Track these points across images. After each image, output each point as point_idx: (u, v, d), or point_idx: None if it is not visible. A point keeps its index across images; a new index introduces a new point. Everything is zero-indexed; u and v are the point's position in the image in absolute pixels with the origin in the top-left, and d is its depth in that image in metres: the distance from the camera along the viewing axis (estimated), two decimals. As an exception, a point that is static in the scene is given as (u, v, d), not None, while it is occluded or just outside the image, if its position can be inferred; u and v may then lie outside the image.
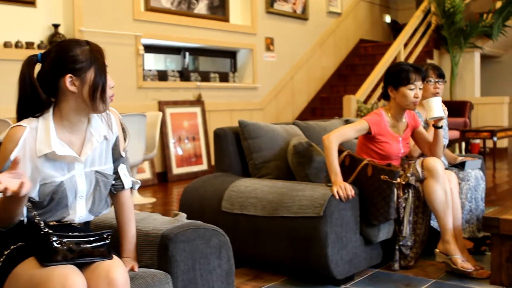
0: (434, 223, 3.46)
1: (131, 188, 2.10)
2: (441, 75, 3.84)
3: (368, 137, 3.32)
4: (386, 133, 3.31)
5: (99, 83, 1.87)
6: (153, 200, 5.93)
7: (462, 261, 3.17)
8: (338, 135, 3.22)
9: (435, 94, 3.72)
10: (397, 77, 3.30)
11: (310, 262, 2.99)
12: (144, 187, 6.77)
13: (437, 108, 3.24)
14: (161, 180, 7.22)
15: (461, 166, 3.69)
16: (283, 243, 3.05)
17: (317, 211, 2.88)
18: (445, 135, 4.08)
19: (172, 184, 7.08)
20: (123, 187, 2.05)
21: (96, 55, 1.89)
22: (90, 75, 1.86)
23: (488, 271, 3.14)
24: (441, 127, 3.40)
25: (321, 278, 3.10)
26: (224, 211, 3.28)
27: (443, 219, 3.23)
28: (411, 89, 3.27)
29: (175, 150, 7.39)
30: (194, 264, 2.05)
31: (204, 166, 7.66)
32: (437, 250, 3.29)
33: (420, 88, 3.30)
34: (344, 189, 2.97)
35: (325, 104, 9.60)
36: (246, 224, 3.19)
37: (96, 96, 1.86)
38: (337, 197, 2.93)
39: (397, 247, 3.29)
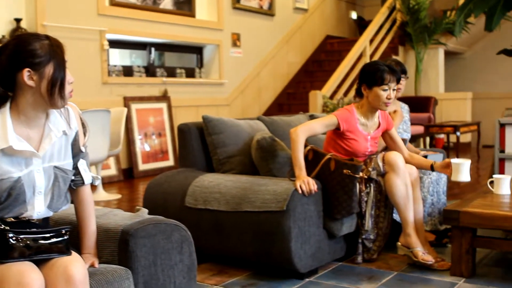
0: (396, 216, 3.50)
1: (92, 184, 2.09)
2: (403, 71, 3.88)
3: (337, 132, 3.34)
4: (355, 130, 3.33)
5: (58, 78, 1.84)
6: (118, 196, 5.88)
7: (423, 254, 3.22)
8: (306, 129, 3.23)
9: (397, 90, 3.76)
10: (372, 76, 3.30)
11: (274, 256, 3.00)
12: (109, 183, 6.72)
13: (465, 172, 3.17)
14: (127, 177, 7.17)
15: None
16: (247, 238, 3.06)
17: (280, 206, 2.89)
18: (407, 129, 4.14)
19: (138, 180, 7.03)
20: (83, 183, 2.03)
21: (55, 50, 1.86)
22: (49, 70, 1.83)
23: (449, 263, 3.20)
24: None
25: (285, 272, 3.12)
26: (187, 207, 3.28)
27: (404, 213, 3.27)
28: (385, 90, 3.27)
29: (142, 146, 7.33)
30: (155, 259, 2.04)
31: (170, 162, 7.62)
32: (399, 243, 3.34)
33: (394, 89, 3.30)
34: (307, 183, 2.99)
35: (292, 100, 9.64)
36: (210, 219, 3.19)
37: (55, 91, 1.84)
38: (300, 191, 2.95)
39: (360, 241, 3.33)
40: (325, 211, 3.13)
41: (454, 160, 3.17)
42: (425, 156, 3.71)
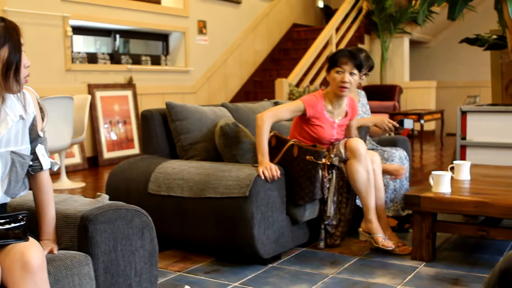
0: (359, 203, 3.54)
1: (50, 169, 2.06)
2: (370, 67, 3.94)
3: (303, 118, 3.35)
4: (322, 116, 3.35)
5: (13, 61, 1.80)
6: (82, 185, 5.82)
7: (383, 240, 3.27)
8: (272, 114, 3.24)
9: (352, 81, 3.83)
10: (330, 60, 3.35)
11: (237, 242, 3.01)
12: (74, 172, 6.64)
13: (446, 184, 3.15)
14: (92, 165, 7.09)
15: (400, 124, 3.73)
16: (210, 224, 3.06)
17: (243, 191, 2.89)
18: (367, 111, 4.17)
19: (103, 168, 6.97)
20: (41, 168, 2.00)
21: (11, 33, 1.82)
22: (4, 52, 1.79)
23: (410, 247, 3.25)
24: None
25: (248, 258, 3.13)
26: (150, 193, 3.26)
27: (365, 199, 3.30)
28: (338, 72, 3.30)
29: (108, 135, 7.26)
30: (115, 245, 2.03)
31: (136, 150, 7.56)
32: (360, 229, 3.37)
33: (351, 73, 3.30)
34: (269, 169, 2.99)
35: (258, 87, 9.64)
36: (173, 205, 3.18)
37: (10, 75, 1.80)
38: (263, 177, 2.96)
39: (322, 226, 3.36)
40: (288, 197, 3.14)
41: (435, 172, 3.20)
42: (402, 120, 3.70)
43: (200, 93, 8.74)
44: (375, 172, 3.38)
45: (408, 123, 3.73)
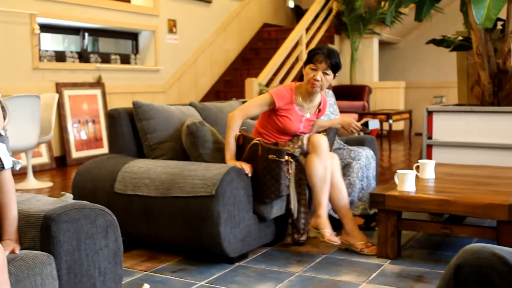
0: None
1: (12, 168, 2.03)
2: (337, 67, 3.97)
3: (273, 109, 3.38)
4: (291, 108, 3.37)
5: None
6: (50, 184, 5.76)
7: (329, 235, 3.27)
8: (241, 113, 3.31)
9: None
10: (308, 54, 3.39)
11: (204, 241, 3.01)
12: (41, 171, 6.57)
13: (410, 182, 3.19)
14: (60, 164, 7.02)
15: (365, 126, 3.77)
16: (177, 223, 3.05)
17: (209, 190, 2.90)
18: (334, 111, 4.21)
19: (72, 168, 6.90)
20: (3, 167, 1.98)
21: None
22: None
23: (377, 247, 3.29)
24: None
25: (215, 257, 3.13)
26: (117, 193, 3.24)
27: (318, 194, 3.30)
28: (312, 69, 3.32)
29: (78, 134, 7.19)
30: (79, 244, 2.02)
31: (105, 150, 7.50)
32: (310, 225, 3.40)
33: (325, 73, 3.31)
34: (242, 167, 3.10)
35: (229, 87, 9.64)
36: (140, 205, 3.16)
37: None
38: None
39: (290, 221, 3.37)
40: (254, 195, 3.15)
41: (400, 171, 3.24)
42: (366, 121, 3.75)
43: (170, 92, 8.70)
44: (334, 172, 3.40)
45: (373, 124, 3.78)
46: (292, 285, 2.78)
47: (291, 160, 3.30)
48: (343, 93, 9.84)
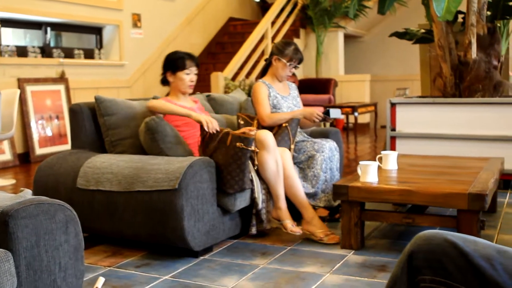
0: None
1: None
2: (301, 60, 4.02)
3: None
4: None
5: None
6: (13, 182, 5.67)
7: (291, 226, 3.39)
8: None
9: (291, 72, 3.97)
10: (174, 63, 3.63)
11: (168, 235, 3.00)
12: (4, 169, 6.46)
13: (372, 173, 3.23)
14: (23, 161, 6.91)
15: (326, 114, 3.82)
16: (140, 218, 3.04)
17: (172, 184, 2.89)
18: (297, 104, 4.23)
19: (35, 165, 6.79)
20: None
21: None
22: None
23: (338, 236, 3.32)
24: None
25: (180, 251, 3.13)
26: (79, 188, 3.21)
27: (274, 188, 3.40)
28: (187, 74, 3.61)
29: (43, 131, 7.08)
30: (38, 240, 1.99)
31: (69, 146, 7.37)
32: (272, 217, 3.45)
33: (195, 74, 3.67)
34: (211, 122, 3.28)
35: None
36: (102, 200, 3.14)
37: None
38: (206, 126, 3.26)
39: (254, 212, 3.38)
40: (218, 188, 3.15)
41: (362, 162, 3.28)
42: (328, 111, 3.82)
43: (135, 87, 8.63)
44: (286, 166, 3.46)
45: (334, 113, 3.83)
46: (256, 277, 2.79)
47: (257, 150, 3.33)
48: (309, 86, 9.88)
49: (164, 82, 3.79)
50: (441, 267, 1.20)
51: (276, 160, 3.37)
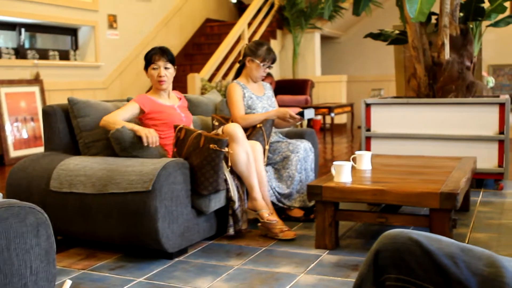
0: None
1: None
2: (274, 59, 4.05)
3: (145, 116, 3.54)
4: (157, 106, 3.58)
5: None
6: (-14, 184, 5.60)
7: (268, 215, 3.46)
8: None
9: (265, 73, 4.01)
10: (145, 59, 3.66)
11: (142, 237, 2.99)
12: (-23, 171, 6.38)
13: (346, 173, 3.27)
14: (-3, 164, 6.84)
15: (301, 115, 3.86)
16: (114, 220, 3.02)
17: (146, 186, 2.88)
18: (272, 104, 4.26)
19: (10, 168, 6.72)
20: None
21: None
22: None
23: (293, 231, 3.46)
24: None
25: (154, 253, 3.12)
26: (52, 191, 3.18)
27: (247, 179, 3.46)
28: (154, 69, 3.61)
29: (18, 133, 7.00)
30: (8, 244, 1.97)
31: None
32: (247, 208, 3.47)
33: (165, 68, 3.61)
34: (150, 133, 3.21)
35: (172, 82, 9.56)
36: (76, 202, 3.11)
37: None
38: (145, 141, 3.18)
39: (230, 212, 3.39)
40: (193, 189, 3.14)
41: (336, 163, 3.31)
42: (302, 111, 3.88)
43: (111, 88, 8.58)
44: (256, 160, 3.55)
45: (308, 113, 3.87)
46: (230, 279, 2.79)
47: (231, 151, 3.34)
48: (286, 87, 9.92)
49: None
50: (405, 266, 1.21)
51: (247, 151, 3.43)
